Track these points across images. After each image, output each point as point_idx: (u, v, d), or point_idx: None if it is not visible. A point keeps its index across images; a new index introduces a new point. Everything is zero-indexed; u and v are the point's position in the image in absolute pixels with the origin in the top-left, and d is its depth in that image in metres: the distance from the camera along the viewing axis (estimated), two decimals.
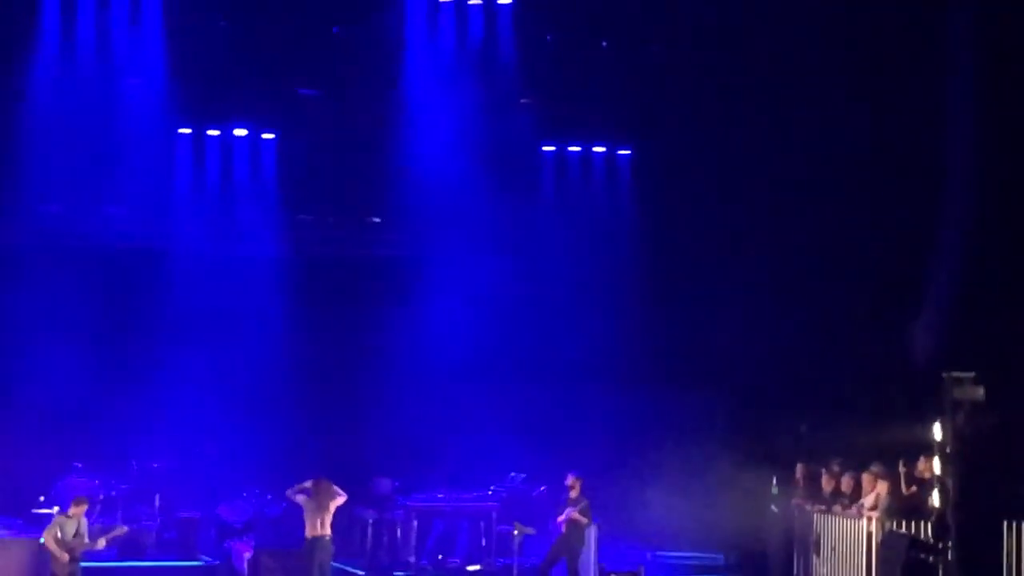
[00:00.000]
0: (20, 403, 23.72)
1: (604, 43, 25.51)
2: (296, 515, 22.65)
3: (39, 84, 24.02)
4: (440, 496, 23.60)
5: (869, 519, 19.44)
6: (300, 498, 19.52)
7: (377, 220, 26.35)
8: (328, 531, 19.51)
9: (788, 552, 21.15)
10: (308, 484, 19.50)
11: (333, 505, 19.50)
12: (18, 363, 23.68)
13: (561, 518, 20.98)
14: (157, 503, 23.35)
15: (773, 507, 21.94)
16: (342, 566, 22.00)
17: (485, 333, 24.89)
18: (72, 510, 19.75)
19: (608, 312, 25.29)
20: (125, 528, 20.89)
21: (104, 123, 24.20)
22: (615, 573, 21.45)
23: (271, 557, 22.08)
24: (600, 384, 24.75)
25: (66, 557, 19.15)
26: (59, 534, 19.31)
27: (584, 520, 20.94)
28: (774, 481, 22.06)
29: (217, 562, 22.31)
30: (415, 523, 23.22)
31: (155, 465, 23.74)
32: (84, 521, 19.69)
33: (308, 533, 19.47)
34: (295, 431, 24.51)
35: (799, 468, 21.71)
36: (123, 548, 22.21)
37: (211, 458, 24.11)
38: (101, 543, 19.74)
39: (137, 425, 23.80)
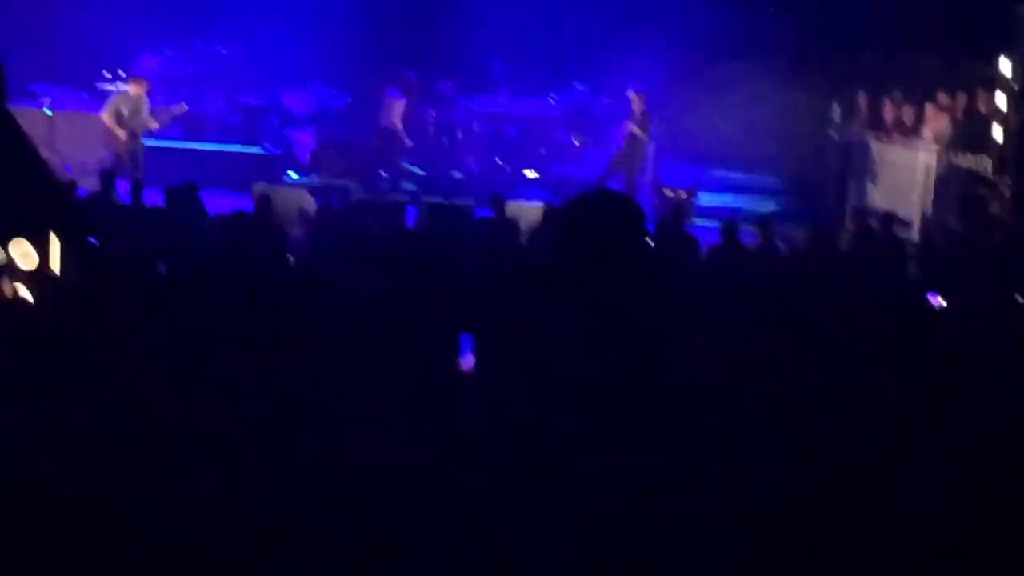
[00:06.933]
0: None
1: None
2: (359, 109, 22.96)
3: None
4: (502, 101, 23.68)
5: (928, 150, 19.47)
6: None
7: None
8: None
9: (844, 178, 21.25)
10: None
11: None
12: None
13: (622, 133, 21.14)
14: (221, 88, 23.44)
15: (832, 133, 21.97)
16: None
17: None
18: (131, 89, 19.96)
19: None
20: (185, 107, 21.07)
21: None
22: (670, 188, 21.61)
23: (333, 149, 22.40)
24: None
25: (123, 134, 19.47)
26: (119, 112, 19.58)
27: (643, 136, 21.10)
28: (835, 108, 22.00)
29: (278, 151, 22.53)
30: (475, 126, 23.37)
31: (222, 50, 23.71)
32: (145, 100, 19.91)
33: None
34: (360, 25, 24.26)
35: (861, 96, 21.61)
36: (186, 129, 22.46)
37: (277, 47, 24.01)
38: (157, 124, 20.06)
39: (203, 5, 23.61)
